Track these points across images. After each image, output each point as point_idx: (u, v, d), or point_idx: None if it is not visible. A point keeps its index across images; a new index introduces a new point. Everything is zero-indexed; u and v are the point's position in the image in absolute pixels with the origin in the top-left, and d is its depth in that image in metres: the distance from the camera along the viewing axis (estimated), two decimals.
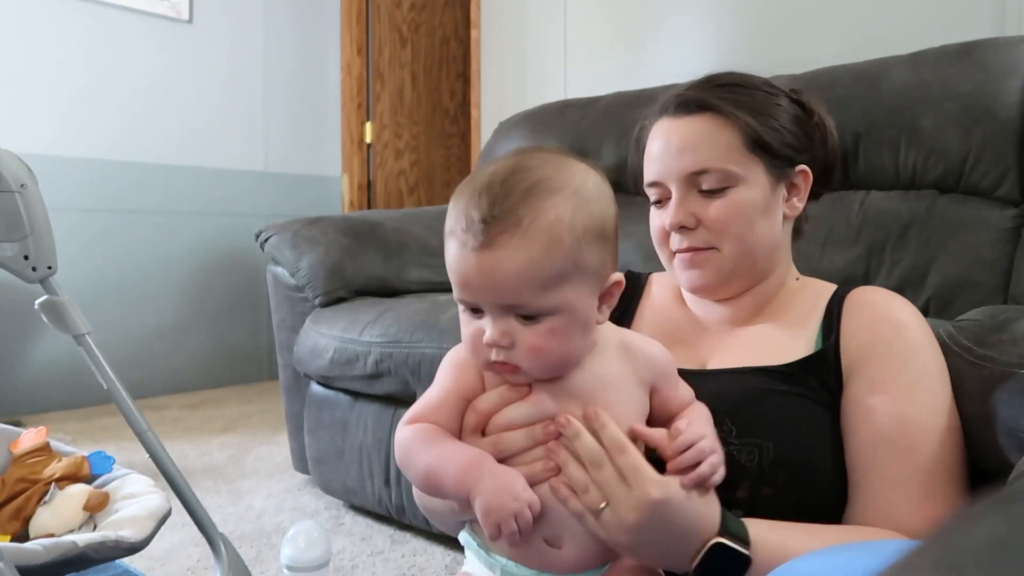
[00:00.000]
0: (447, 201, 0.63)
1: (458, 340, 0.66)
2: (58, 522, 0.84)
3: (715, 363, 0.83)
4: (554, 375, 0.63)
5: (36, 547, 0.69)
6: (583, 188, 0.61)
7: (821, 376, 0.77)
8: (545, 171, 0.60)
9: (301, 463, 1.85)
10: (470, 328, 0.62)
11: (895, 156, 1.41)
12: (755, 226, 0.81)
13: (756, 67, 0.92)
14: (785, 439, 0.73)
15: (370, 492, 1.61)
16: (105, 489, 0.89)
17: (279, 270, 1.82)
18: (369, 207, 3.62)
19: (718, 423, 0.71)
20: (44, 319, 0.83)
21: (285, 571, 0.98)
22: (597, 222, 0.61)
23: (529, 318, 0.59)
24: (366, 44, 3.61)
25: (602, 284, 0.62)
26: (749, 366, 0.79)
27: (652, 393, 0.67)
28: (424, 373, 1.43)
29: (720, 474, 0.63)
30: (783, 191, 0.84)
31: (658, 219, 0.86)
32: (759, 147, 0.82)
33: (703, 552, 0.61)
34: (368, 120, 3.62)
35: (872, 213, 1.41)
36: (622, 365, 0.65)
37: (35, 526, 0.85)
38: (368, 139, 3.62)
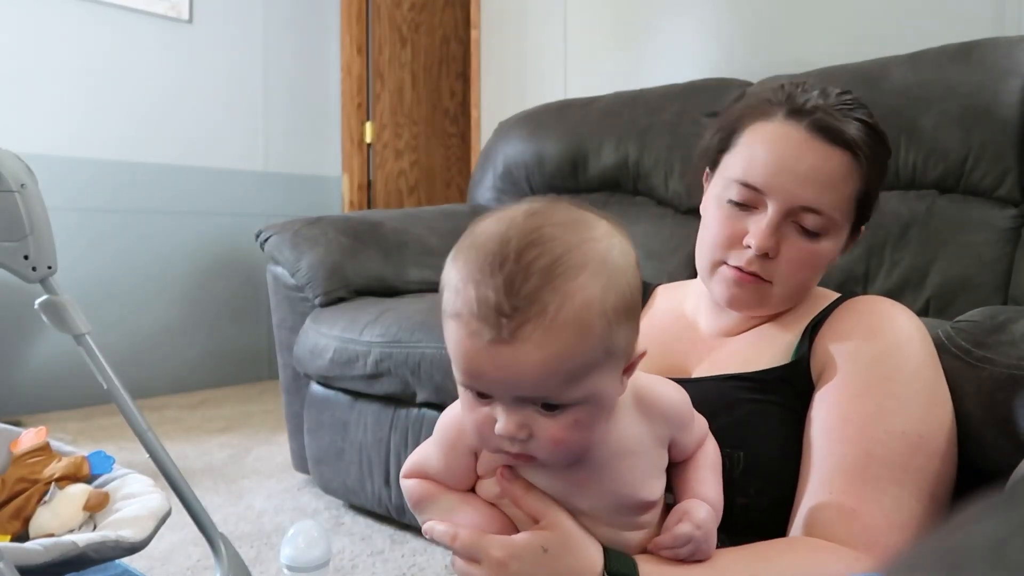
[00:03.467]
0: (447, 201, 0.61)
1: None
2: (58, 522, 0.84)
3: (700, 371, 0.83)
4: (574, 461, 0.57)
5: (36, 547, 0.69)
6: (610, 258, 0.52)
7: (794, 384, 0.75)
8: (566, 240, 0.51)
9: (301, 463, 1.85)
10: (477, 414, 0.54)
11: (895, 156, 1.41)
12: (815, 277, 0.80)
13: (756, 67, 0.92)
14: (756, 449, 0.72)
15: (370, 492, 1.61)
16: (105, 489, 0.89)
17: (279, 270, 1.82)
18: (369, 207, 3.62)
19: None
20: (44, 319, 0.83)
21: (285, 571, 0.98)
22: (627, 298, 0.53)
23: (551, 408, 0.52)
24: (366, 44, 3.61)
25: (628, 360, 0.56)
26: (724, 373, 0.78)
27: (671, 447, 0.63)
28: (424, 373, 1.43)
29: (701, 553, 0.61)
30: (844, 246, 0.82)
31: (731, 224, 0.79)
32: (863, 204, 0.79)
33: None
34: (368, 120, 3.62)
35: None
36: (639, 426, 0.60)
37: (35, 526, 0.85)
38: (368, 139, 3.62)
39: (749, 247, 0.77)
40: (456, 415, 0.62)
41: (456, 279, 0.52)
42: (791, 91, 0.79)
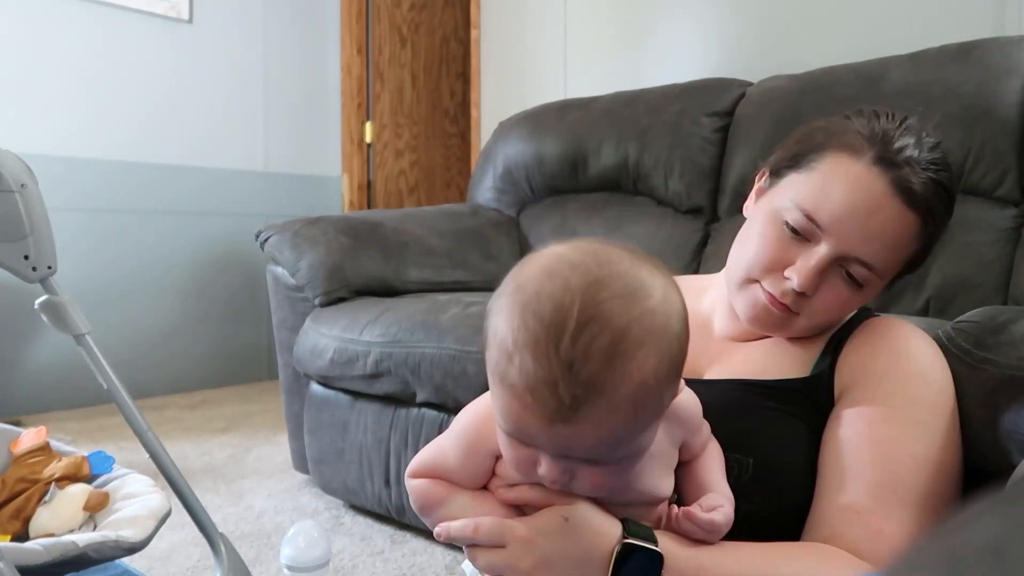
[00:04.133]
0: (447, 201, 0.62)
1: (458, 339, 0.66)
2: (58, 522, 0.84)
3: (712, 373, 0.82)
4: None
5: (36, 547, 0.69)
6: (668, 325, 0.52)
7: (812, 397, 0.75)
8: (626, 315, 0.50)
9: (301, 463, 1.85)
10: (518, 453, 0.55)
11: None
12: (846, 317, 0.79)
13: (756, 67, 0.92)
14: (767, 457, 0.71)
15: (370, 492, 1.61)
16: (105, 489, 0.89)
17: (279, 270, 1.82)
18: (369, 207, 3.62)
19: None
20: (44, 319, 0.83)
21: (285, 571, 0.98)
22: (678, 360, 0.54)
23: (597, 464, 0.55)
24: (366, 44, 3.61)
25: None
26: (739, 378, 0.78)
27: (681, 449, 0.65)
28: (424, 373, 1.43)
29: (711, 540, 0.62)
30: None
31: (779, 248, 0.75)
32: (911, 265, 0.78)
33: (614, 556, 0.59)
34: (368, 120, 3.62)
35: None
36: (659, 431, 0.60)
37: (35, 526, 0.85)
38: (368, 139, 3.62)
39: (790, 279, 0.74)
40: (481, 414, 0.62)
41: (508, 341, 0.51)
42: (886, 131, 0.75)
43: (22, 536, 0.85)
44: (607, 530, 0.59)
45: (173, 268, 3.07)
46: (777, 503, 0.71)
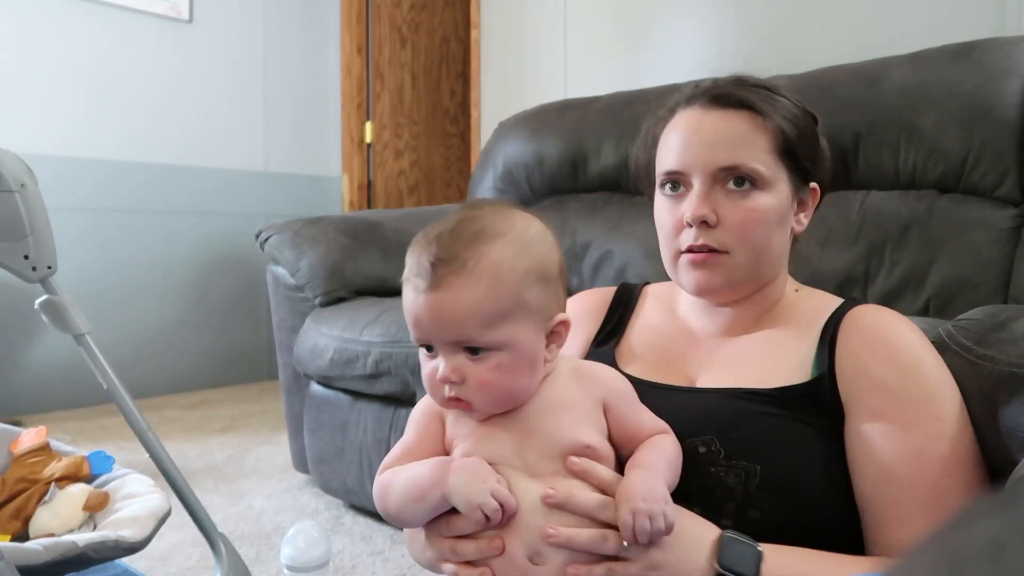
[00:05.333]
0: (447, 201, 0.66)
1: None
2: (58, 522, 0.84)
3: (705, 380, 0.81)
4: (504, 409, 0.66)
5: (36, 547, 0.69)
6: (524, 234, 0.66)
7: (817, 402, 0.75)
8: (489, 220, 0.65)
9: (301, 463, 1.85)
10: (427, 368, 0.66)
11: (895, 156, 1.41)
12: (771, 235, 0.80)
13: (756, 67, 0.92)
14: (773, 463, 0.71)
15: (370, 492, 1.60)
16: (105, 489, 0.89)
17: (279, 270, 1.82)
18: (369, 207, 3.62)
19: (706, 443, 0.71)
20: (44, 319, 0.83)
21: (285, 571, 0.98)
22: (538, 264, 0.65)
23: (477, 354, 0.63)
24: (366, 44, 3.61)
25: (548, 323, 0.66)
26: (740, 387, 0.77)
27: (607, 412, 0.68)
28: None
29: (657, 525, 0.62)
30: (795, 205, 0.83)
31: (672, 212, 0.81)
32: (788, 155, 0.80)
33: (717, 545, 0.65)
34: (368, 120, 3.62)
35: (872, 213, 1.41)
36: (572, 387, 0.68)
37: (35, 526, 0.85)
38: (368, 139, 3.62)
39: (690, 224, 0.79)
40: (426, 399, 0.71)
41: (409, 255, 0.66)
42: (683, 88, 0.86)
43: (22, 536, 0.85)
44: (705, 526, 0.67)
45: (173, 268, 3.07)
46: (785, 510, 0.71)
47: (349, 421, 1.65)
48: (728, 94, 0.81)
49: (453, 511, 0.64)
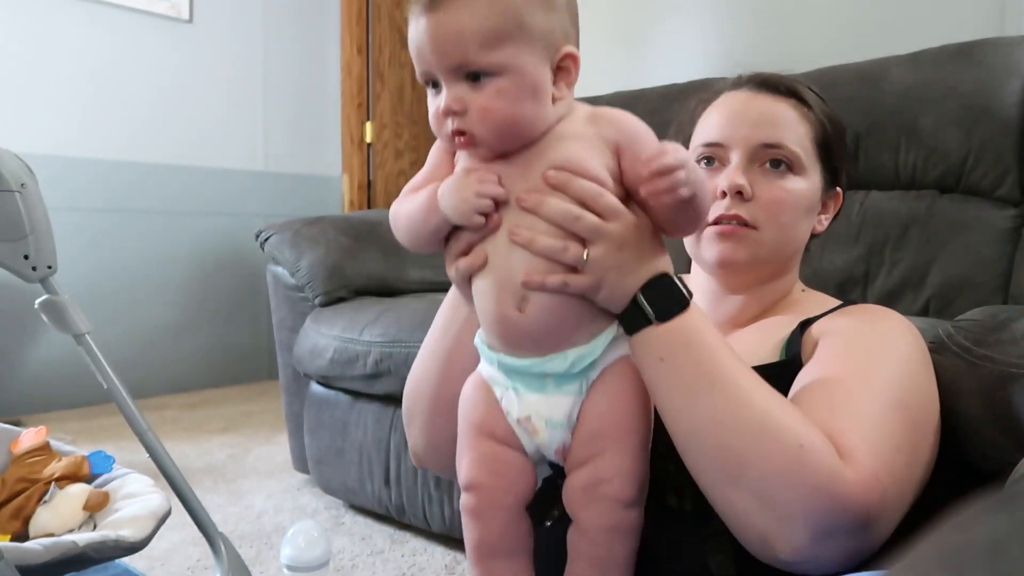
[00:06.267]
0: None
1: None
2: (58, 522, 0.84)
3: None
4: (510, 143, 0.63)
5: (36, 547, 0.69)
6: None
7: (787, 381, 0.72)
8: None
9: (301, 463, 1.85)
10: (432, 106, 0.64)
11: (895, 156, 1.41)
12: (799, 221, 0.81)
13: (756, 67, 0.92)
14: None
15: (370, 492, 1.61)
16: (105, 489, 0.89)
17: (279, 270, 1.82)
18: (369, 207, 3.62)
19: None
20: (44, 319, 0.83)
21: (285, 571, 0.98)
22: None
23: (478, 80, 0.61)
24: (366, 44, 3.61)
25: (553, 54, 0.63)
26: None
27: (620, 154, 0.64)
28: None
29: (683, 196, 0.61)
30: (819, 204, 0.84)
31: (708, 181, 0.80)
32: (824, 150, 0.82)
33: (650, 278, 0.62)
34: (368, 120, 3.62)
35: (872, 213, 1.41)
36: (586, 127, 0.65)
37: (35, 526, 0.85)
38: (368, 139, 3.62)
39: (724, 195, 0.79)
40: (438, 142, 0.69)
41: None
42: (739, 76, 0.88)
43: (22, 536, 0.85)
44: (659, 255, 0.64)
45: (173, 268, 3.06)
46: None
47: (349, 421, 1.65)
48: (778, 81, 0.84)
49: (458, 229, 0.64)
